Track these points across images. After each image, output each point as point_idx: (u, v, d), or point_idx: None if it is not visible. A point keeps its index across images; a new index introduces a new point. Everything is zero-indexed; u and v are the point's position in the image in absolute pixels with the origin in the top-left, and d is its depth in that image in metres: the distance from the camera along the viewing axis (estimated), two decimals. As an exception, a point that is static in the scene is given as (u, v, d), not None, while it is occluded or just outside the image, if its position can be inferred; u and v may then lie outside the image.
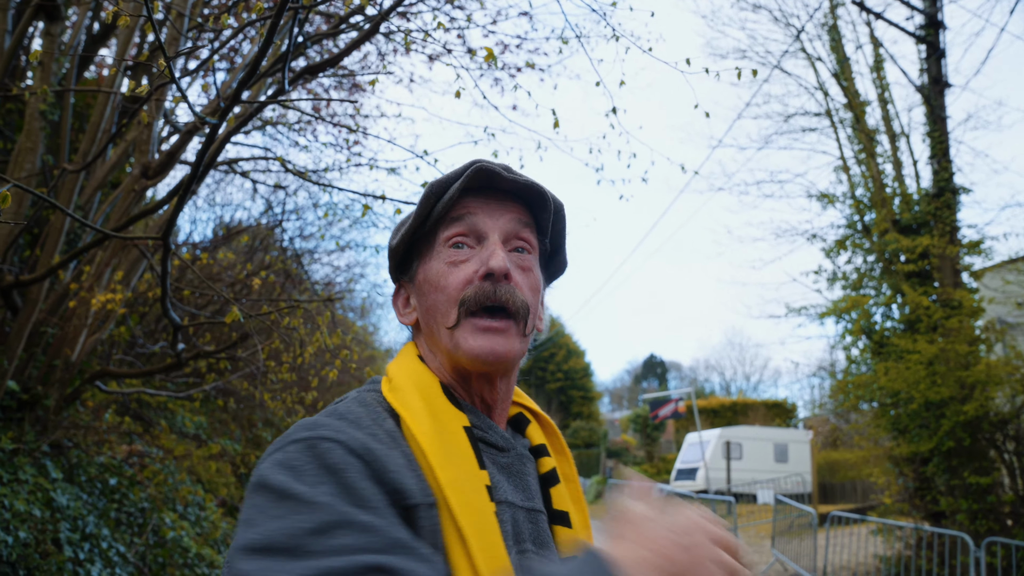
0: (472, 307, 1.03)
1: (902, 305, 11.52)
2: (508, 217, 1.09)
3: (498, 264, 1.02)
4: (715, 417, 31.83)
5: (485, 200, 1.09)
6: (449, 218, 1.09)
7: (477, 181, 1.08)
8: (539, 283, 1.12)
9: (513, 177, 1.08)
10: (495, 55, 3.30)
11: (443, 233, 1.09)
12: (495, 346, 1.02)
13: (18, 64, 6.72)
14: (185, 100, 1.99)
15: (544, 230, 1.13)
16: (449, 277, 1.06)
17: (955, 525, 9.48)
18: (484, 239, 1.07)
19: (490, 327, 1.03)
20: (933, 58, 11.99)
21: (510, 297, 1.03)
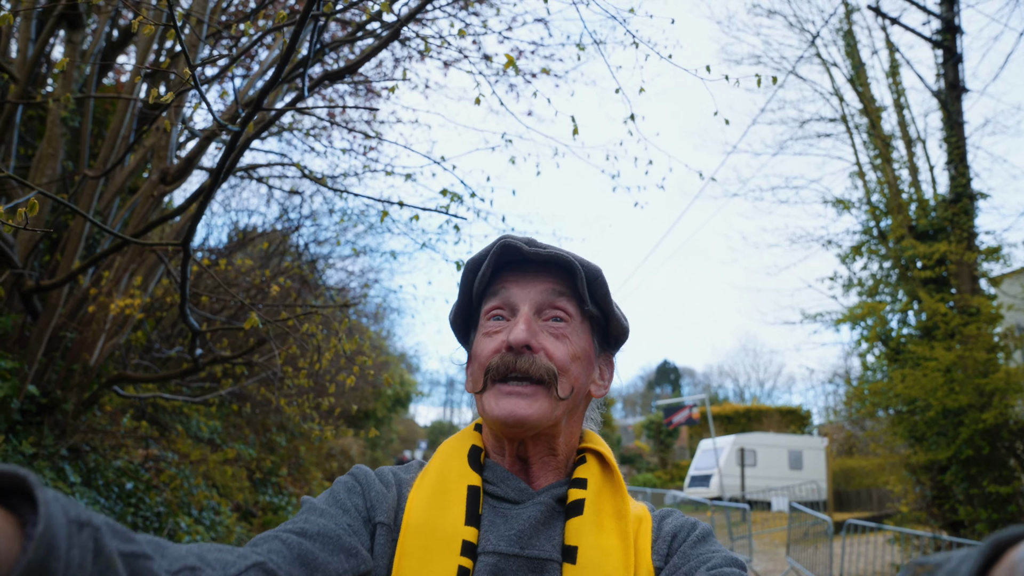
0: (495, 376, 1.11)
1: (919, 312, 11.42)
2: (540, 288, 1.15)
3: (516, 337, 1.09)
4: (729, 424, 31.66)
5: (521, 272, 1.17)
6: (488, 292, 1.18)
7: (507, 256, 1.15)
8: (580, 349, 1.16)
9: (535, 251, 1.13)
10: (514, 61, 3.30)
11: (485, 306, 1.18)
12: (516, 408, 1.08)
13: (39, 72, 6.80)
14: (208, 107, 2.01)
15: (583, 297, 1.16)
16: (483, 346, 1.15)
17: (974, 535, 9.37)
18: (517, 311, 1.14)
19: (513, 391, 1.10)
20: (950, 63, 11.91)
21: (530, 366, 1.09)
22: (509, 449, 1.16)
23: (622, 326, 1.24)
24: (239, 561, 0.86)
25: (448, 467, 1.15)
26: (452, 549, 1.03)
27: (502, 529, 1.08)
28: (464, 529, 1.05)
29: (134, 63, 6.18)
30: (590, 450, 1.22)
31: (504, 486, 1.13)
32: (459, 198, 4.26)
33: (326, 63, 6.99)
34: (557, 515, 1.13)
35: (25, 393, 5.13)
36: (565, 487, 1.16)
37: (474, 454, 1.16)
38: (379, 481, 1.14)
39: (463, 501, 1.09)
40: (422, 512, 1.07)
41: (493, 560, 1.04)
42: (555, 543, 1.09)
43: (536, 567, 1.06)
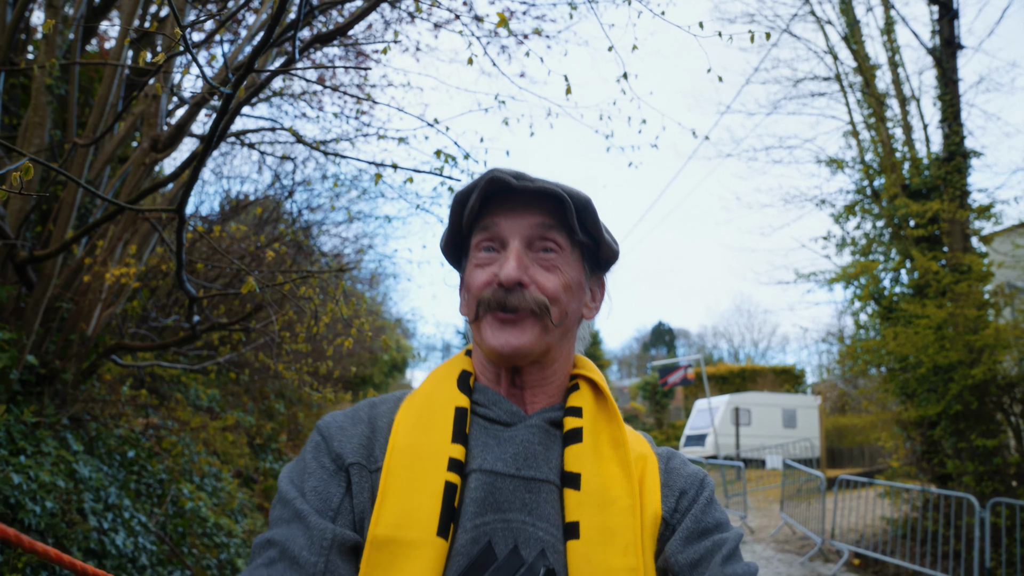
0: (487, 307, 1.14)
1: (911, 270, 11.49)
2: (529, 221, 1.16)
3: (507, 275, 1.11)
4: (724, 383, 31.95)
5: (510, 206, 1.17)
6: (477, 225, 1.19)
7: (496, 187, 1.15)
8: (571, 278, 1.18)
9: (524, 185, 1.13)
10: (507, 20, 3.27)
11: (475, 238, 1.19)
12: (510, 339, 1.11)
13: (19, 38, 6.69)
14: (200, 70, 2.00)
15: (573, 227, 1.17)
16: (475, 278, 1.17)
17: (961, 487, 9.55)
18: (506, 244, 1.15)
19: (506, 319, 1.12)
20: (945, 19, 11.80)
21: (520, 302, 1.11)
22: (505, 377, 1.17)
23: (612, 250, 1.25)
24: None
25: (436, 390, 1.17)
26: (438, 465, 1.04)
27: (496, 450, 1.08)
28: (451, 447, 1.06)
29: (119, 28, 6.08)
30: (583, 376, 1.23)
31: (496, 408, 1.15)
32: (453, 160, 4.25)
33: (315, 26, 6.90)
34: (552, 439, 1.13)
35: (24, 364, 5.15)
36: (559, 412, 1.17)
37: (463, 378, 1.18)
38: (348, 422, 1.15)
39: (450, 421, 1.10)
40: (407, 434, 1.09)
41: (489, 479, 1.05)
42: (552, 467, 1.10)
43: (532, 488, 1.06)
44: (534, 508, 1.04)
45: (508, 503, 1.03)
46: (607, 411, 1.18)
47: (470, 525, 1.01)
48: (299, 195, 10.73)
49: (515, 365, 1.15)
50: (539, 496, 1.05)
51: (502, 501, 1.03)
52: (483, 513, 1.02)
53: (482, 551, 0.99)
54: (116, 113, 5.05)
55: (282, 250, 6.02)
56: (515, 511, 1.03)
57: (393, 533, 0.98)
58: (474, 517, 1.02)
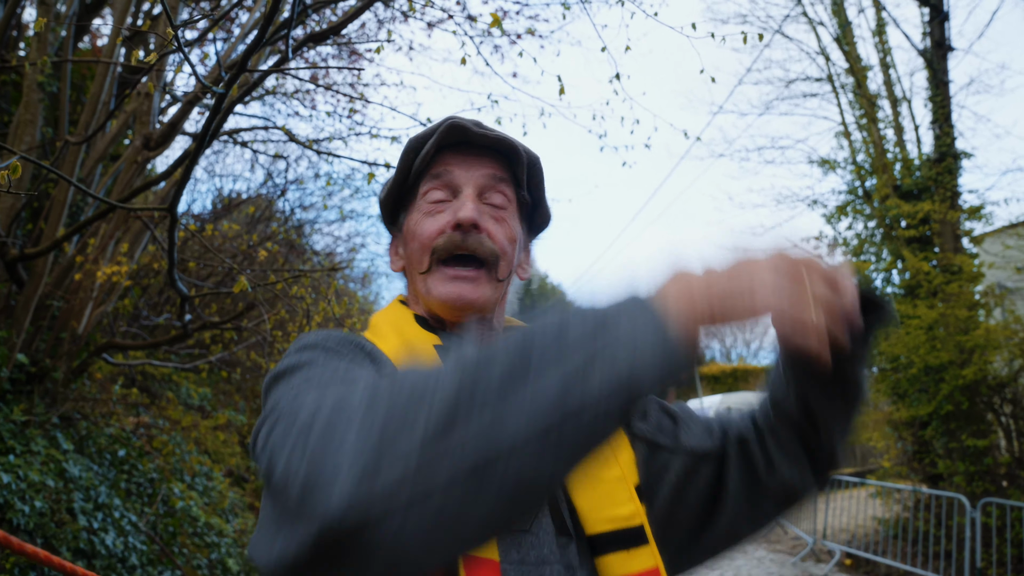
0: (442, 255, 1.11)
1: (902, 270, 11.54)
2: (482, 172, 1.15)
3: (466, 215, 1.09)
4: (716, 383, 32.01)
5: (463, 155, 1.15)
6: (428, 174, 1.16)
7: (451, 137, 1.14)
8: (516, 233, 1.17)
9: (483, 132, 1.12)
10: (500, 21, 3.27)
11: (423, 187, 1.16)
12: (463, 292, 1.09)
13: (11, 35, 6.65)
14: (192, 70, 1.99)
15: (521, 183, 1.18)
16: (424, 226, 1.14)
17: (952, 487, 9.60)
18: (459, 192, 1.14)
19: (459, 275, 1.10)
20: (936, 21, 11.86)
21: (478, 246, 1.10)
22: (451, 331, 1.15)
23: (548, 214, 1.27)
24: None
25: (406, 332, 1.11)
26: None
27: None
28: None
29: (111, 26, 6.06)
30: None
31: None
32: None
33: (308, 25, 6.88)
34: None
35: (14, 362, 5.13)
36: None
37: (422, 321, 1.14)
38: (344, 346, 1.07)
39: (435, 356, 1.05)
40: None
41: None
42: None
43: None
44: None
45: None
46: None
47: None
48: (292, 193, 10.71)
49: (461, 319, 1.13)
50: None
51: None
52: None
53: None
54: (108, 111, 5.03)
55: (274, 249, 6.01)
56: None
57: None
58: None
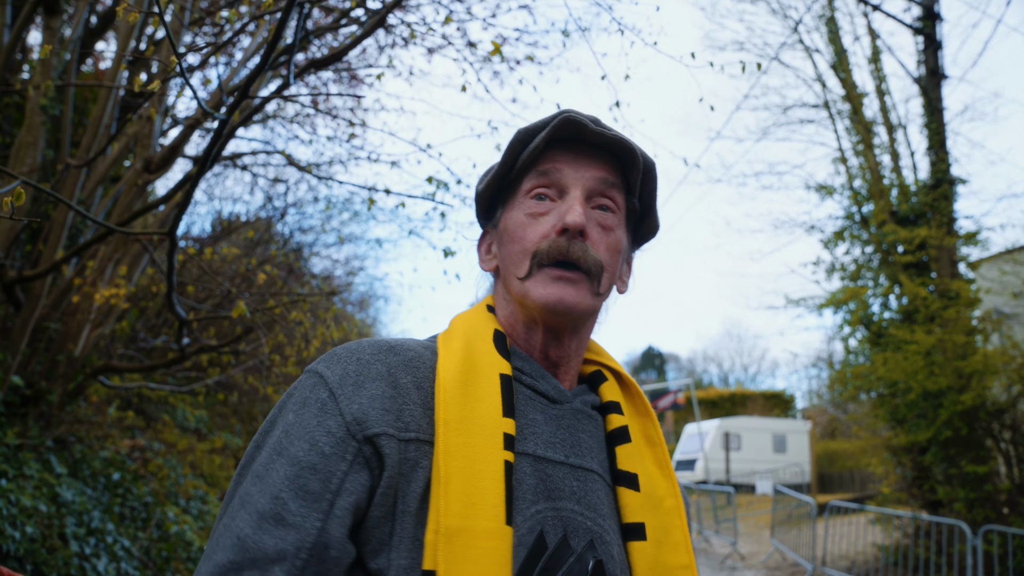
0: (544, 260, 1.03)
1: (900, 296, 11.56)
2: (593, 174, 1.07)
3: (574, 220, 1.01)
4: (714, 408, 31.92)
5: (573, 154, 1.08)
6: (534, 170, 1.08)
7: (564, 132, 1.06)
8: (621, 244, 1.10)
9: (601, 131, 1.05)
10: (500, 48, 3.31)
11: (526, 184, 1.09)
12: (565, 295, 1.02)
13: (15, 58, 6.70)
14: (195, 96, 2.01)
15: (633, 189, 1.11)
16: (527, 229, 1.06)
17: (952, 514, 9.54)
18: (566, 193, 1.06)
19: (562, 276, 1.02)
20: (930, 50, 12.00)
21: (583, 254, 1.03)
22: (540, 342, 1.08)
23: (656, 224, 1.18)
24: None
25: (474, 351, 1.02)
26: (495, 443, 0.93)
27: (544, 431, 1.01)
28: (502, 421, 0.95)
29: (115, 50, 6.11)
30: (603, 365, 1.16)
31: (543, 382, 1.06)
32: (445, 185, 4.25)
33: (310, 50, 6.94)
34: (595, 427, 1.08)
35: (9, 384, 5.10)
36: (594, 398, 1.11)
37: (500, 340, 1.05)
38: (364, 373, 0.96)
39: (498, 391, 0.98)
40: (457, 404, 0.95)
41: (540, 465, 0.98)
42: (595, 458, 1.04)
43: (580, 476, 1.00)
44: (583, 497, 0.99)
45: (559, 491, 0.97)
46: (636, 406, 1.13)
47: (528, 513, 0.93)
48: (291, 217, 10.73)
49: (557, 328, 1.06)
50: (586, 485, 1.00)
51: (553, 488, 0.97)
52: (536, 501, 0.95)
53: (536, 541, 0.92)
54: (110, 134, 5.05)
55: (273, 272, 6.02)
56: (565, 499, 0.97)
57: (462, 523, 0.87)
58: (530, 504, 0.94)
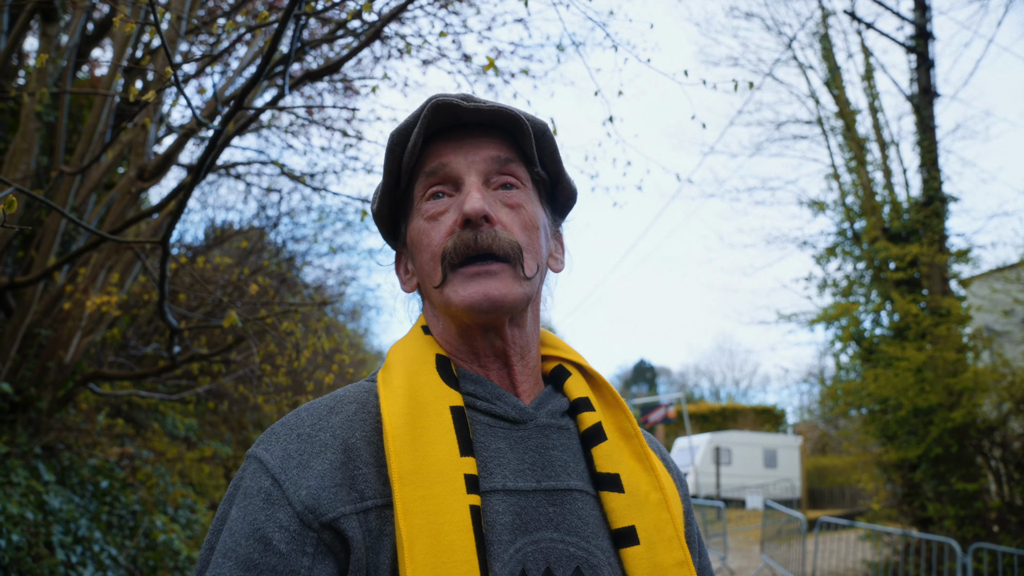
0: (455, 260, 0.95)
1: (891, 312, 11.62)
2: (484, 155, 0.99)
3: (472, 207, 0.93)
4: (705, 422, 31.92)
5: (458, 141, 1.00)
6: (422, 172, 1.00)
7: (439, 121, 0.98)
8: (536, 218, 1.02)
9: (476, 106, 0.96)
10: (494, 63, 3.33)
11: (419, 188, 1.01)
12: (488, 290, 0.93)
13: (11, 65, 6.70)
14: (190, 106, 2.01)
15: (532, 159, 1.02)
16: (430, 233, 0.98)
17: (942, 531, 9.55)
18: (461, 184, 0.98)
19: (479, 271, 0.94)
20: (923, 68, 12.12)
21: (493, 240, 0.94)
22: (484, 347, 1.00)
23: (571, 188, 1.10)
24: None
25: (418, 386, 0.94)
26: (457, 489, 0.86)
27: (511, 459, 0.94)
28: (462, 461, 0.88)
29: (111, 58, 6.12)
30: (564, 359, 1.09)
31: (501, 404, 0.98)
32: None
33: (305, 61, 6.97)
34: (566, 437, 1.01)
35: (-2, 391, 5.07)
36: (561, 400, 1.05)
37: (443, 365, 0.98)
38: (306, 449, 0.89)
39: (451, 428, 0.90)
40: (408, 454, 0.87)
41: (512, 499, 0.91)
42: (572, 471, 0.98)
43: (555, 500, 0.93)
44: (561, 522, 0.92)
45: (535, 522, 0.90)
46: (607, 399, 1.06)
47: (505, 556, 0.87)
48: (284, 226, 10.73)
49: (493, 326, 0.98)
50: (564, 508, 0.93)
51: (528, 521, 0.90)
52: (514, 540, 0.88)
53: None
54: (104, 142, 5.05)
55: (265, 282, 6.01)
56: (543, 529, 0.90)
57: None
58: (507, 545, 0.87)
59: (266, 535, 0.83)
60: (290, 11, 2.11)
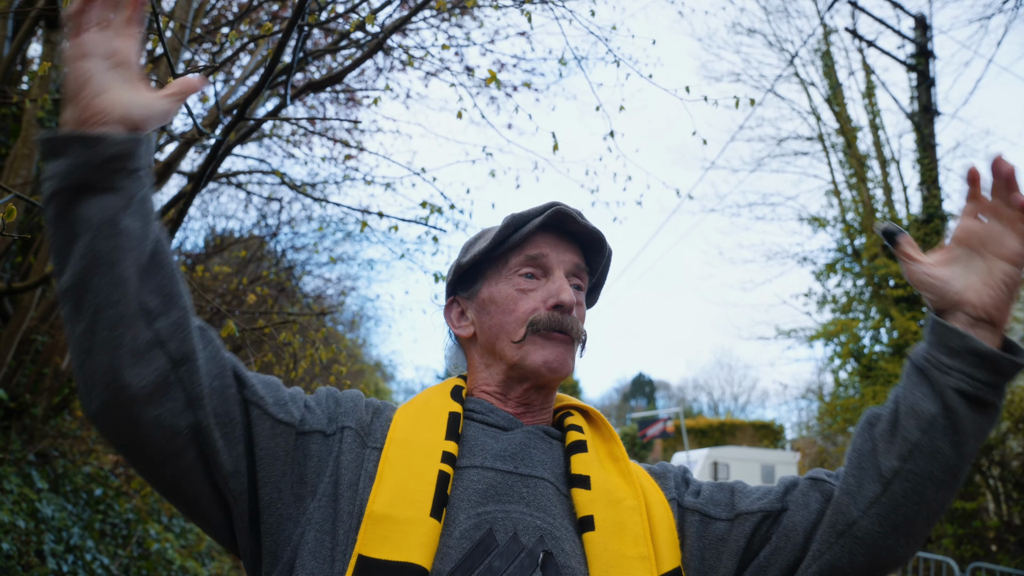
0: (541, 328, 1.19)
1: (891, 329, 11.60)
2: (571, 259, 1.25)
3: (568, 298, 1.19)
4: (703, 437, 31.81)
5: (556, 238, 1.26)
6: (523, 252, 1.24)
7: (553, 220, 1.24)
8: (585, 317, 1.29)
9: (584, 223, 1.24)
10: (496, 77, 3.33)
11: (514, 260, 1.25)
12: (564, 356, 1.19)
13: (14, 70, 6.71)
14: (191, 115, 2.01)
15: (594, 272, 1.30)
16: (519, 302, 1.22)
17: (940, 550, 9.50)
18: (550, 273, 1.23)
19: (562, 339, 1.19)
20: (923, 86, 12.16)
21: (574, 325, 1.20)
22: (521, 395, 1.23)
23: (595, 301, 1.38)
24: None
25: (430, 399, 1.21)
26: (432, 456, 1.09)
27: (494, 447, 1.14)
28: (444, 442, 1.11)
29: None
30: (571, 407, 1.31)
31: (493, 415, 1.21)
32: (439, 210, 4.26)
33: (308, 71, 6.98)
34: (548, 444, 1.20)
35: (-7, 397, 5.04)
36: (553, 428, 1.26)
37: (456, 391, 1.23)
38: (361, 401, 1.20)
39: (443, 422, 1.14)
40: (404, 431, 1.13)
41: (489, 474, 1.10)
42: (548, 468, 1.15)
43: (529, 484, 1.12)
44: (531, 500, 1.09)
45: (507, 496, 1.09)
46: (602, 433, 1.27)
47: (473, 512, 1.06)
48: (284, 235, 10.71)
49: (546, 386, 1.23)
50: (536, 490, 1.11)
51: (502, 493, 1.09)
52: (484, 503, 1.07)
53: (484, 536, 1.04)
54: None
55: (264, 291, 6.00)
56: (514, 503, 1.08)
57: (388, 511, 1.02)
58: (476, 505, 1.07)
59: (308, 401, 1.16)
60: (294, 22, 2.11)
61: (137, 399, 0.94)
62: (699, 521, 1.17)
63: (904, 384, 1.06)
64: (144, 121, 0.97)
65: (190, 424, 0.98)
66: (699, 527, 1.16)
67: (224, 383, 1.03)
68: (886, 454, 1.04)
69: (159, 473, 1.01)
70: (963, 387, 0.99)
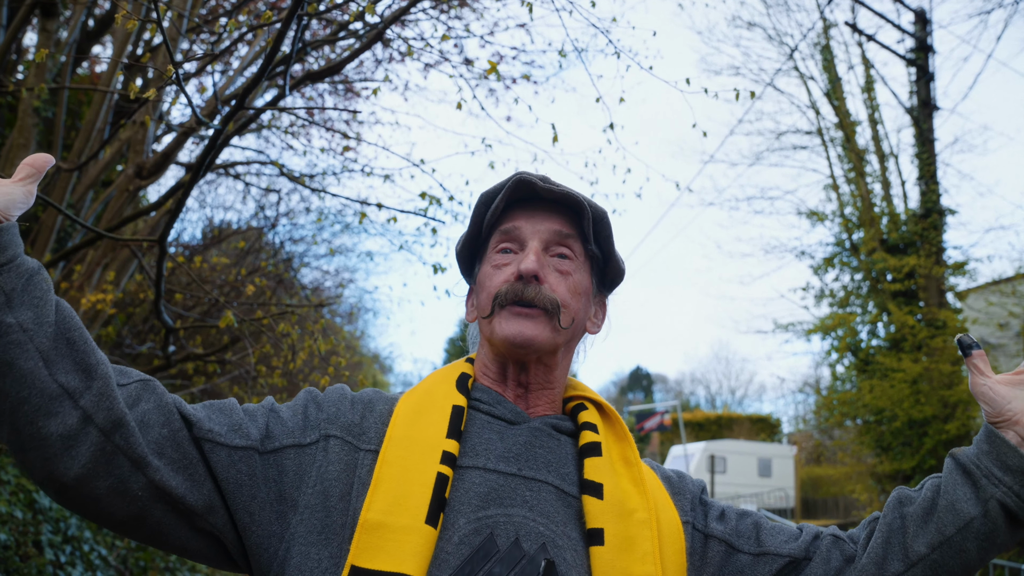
0: (503, 301, 1.16)
1: (888, 324, 11.62)
2: (547, 227, 1.21)
3: (526, 266, 1.15)
4: (700, 430, 31.88)
5: (531, 210, 1.23)
6: (498, 229, 1.24)
7: (519, 192, 1.21)
8: (582, 286, 1.23)
9: (548, 187, 1.19)
10: (496, 68, 3.32)
11: (493, 241, 1.24)
12: (523, 329, 1.14)
13: (10, 59, 6.67)
14: (190, 105, 2.00)
15: (588, 237, 1.23)
16: (493, 277, 1.21)
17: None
18: (525, 246, 1.20)
19: (521, 312, 1.15)
20: (922, 81, 12.15)
21: (536, 294, 1.15)
22: (512, 374, 1.20)
23: (619, 268, 1.31)
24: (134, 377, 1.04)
25: (434, 388, 1.19)
26: (432, 457, 1.06)
27: (499, 447, 1.12)
28: (445, 441, 1.09)
29: (111, 54, 6.10)
30: (585, 398, 1.28)
31: (500, 408, 1.18)
32: (437, 201, 4.25)
33: (307, 62, 6.95)
34: (556, 443, 1.17)
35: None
36: (565, 422, 1.22)
37: (462, 380, 1.21)
38: (347, 400, 1.17)
39: (446, 418, 1.12)
40: (404, 427, 1.11)
41: (491, 476, 1.08)
42: (553, 471, 1.13)
43: (533, 487, 1.10)
44: (535, 505, 1.07)
45: (510, 499, 1.07)
46: (616, 431, 1.23)
47: (473, 516, 1.04)
48: (282, 227, 10.69)
49: (523, 360, 1.18)
50: (540, 495, 1.09)
51: (504, 496, 1.07)
52: (486, 507, 1.05)
53: (484, 541, 1.02)
54: (103, 139, 5.03)
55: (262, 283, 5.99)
56: (517, 506, 1.06)
57: (383, 518, 1.01)
58: (477, 509, 1.05)
59: (281, 411, 1.14)
60: (293, 11, 2.09)
61: (82, 480, 0.95)
62: (724, 552, 1.18)
63: (947, 479, 1.10)
64: (5, 210, 0.94)
65: (142, 484, 0.98)
66: (723, 557, 1.17)
67: (172, 428, 1.02)
68: (915, 538, 1.09)
69: (138, 532, 1.02)
70: (1007, 502, 1.05)
